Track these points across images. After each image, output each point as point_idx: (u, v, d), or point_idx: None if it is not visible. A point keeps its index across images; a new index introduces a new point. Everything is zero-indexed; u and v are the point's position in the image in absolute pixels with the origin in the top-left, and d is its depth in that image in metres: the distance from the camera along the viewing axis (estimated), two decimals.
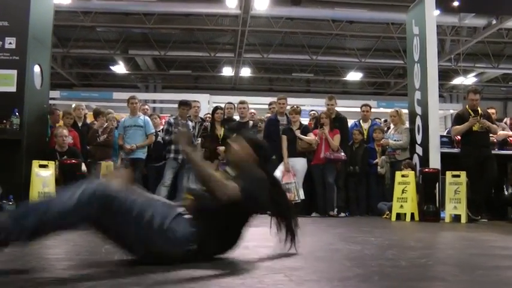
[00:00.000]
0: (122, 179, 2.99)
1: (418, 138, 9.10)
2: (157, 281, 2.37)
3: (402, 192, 8.18)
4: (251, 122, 9.54)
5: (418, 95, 9.28)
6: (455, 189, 7.95)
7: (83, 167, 7.83)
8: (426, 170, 8.41)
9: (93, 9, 17.10)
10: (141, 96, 16.14)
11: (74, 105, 10.61)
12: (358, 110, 10.79)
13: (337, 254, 3.49)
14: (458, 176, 8.01)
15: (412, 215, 8.06)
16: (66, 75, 23.48)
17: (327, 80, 25.92)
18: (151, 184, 9.55)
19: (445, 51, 19.24)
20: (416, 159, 9.03)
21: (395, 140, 9.23)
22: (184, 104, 9.34)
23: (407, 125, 9.57)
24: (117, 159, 9.58)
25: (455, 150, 8.92)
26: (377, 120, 11.19)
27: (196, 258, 2.86)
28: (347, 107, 17.23)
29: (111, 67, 23.32)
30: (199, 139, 9.37)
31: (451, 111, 21.75)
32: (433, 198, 8.20)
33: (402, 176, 8.34)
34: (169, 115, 10.60)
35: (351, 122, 10.44)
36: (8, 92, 7.42)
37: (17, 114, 7.20)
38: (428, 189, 8.21)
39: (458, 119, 8.58)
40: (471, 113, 8.37)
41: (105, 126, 9.12)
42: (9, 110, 7.21)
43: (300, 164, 9.09)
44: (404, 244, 4.26)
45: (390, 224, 7.52)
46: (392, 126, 9.70)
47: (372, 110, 10.88)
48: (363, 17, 17.02)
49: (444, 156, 8.71)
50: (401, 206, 8.19)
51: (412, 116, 9.51)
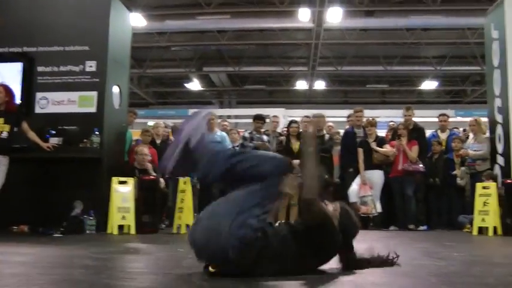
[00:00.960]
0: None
1: (500, 148, 8.77)
2: None
3: (484, 204, 7.89)
4: (327, 135, 9.49)
5: (498, 102, 8.96)
6: None
7: (162, 183, 8.00)
8: (509, 181, 8.08)
9: (168, 30, 17.61)
10: (216, 112, 16.38)
11: (152, 123, 10.87)
12: (435, 119, 10.55)
13: (422, 270, 3.40)
14: None
15: (494, 228, 7.74)
16: (142, 95, 24.17)
17: (402, 90, 25.53)
18: None
19: None
20: (497, 170, 8.70)
21: (475, 150, 8.96)
22: (258, 118, 9.40)
23: (487, 134, 9.26)
24: (194, 175, 9.74)
25: None
26: (455, 129, 10.89)
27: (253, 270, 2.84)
28: (423, 117, 16.87)
29: (186, 85, 23.84)
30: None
31: None
32: None
33: (483, 188, 8.04)
34: (244, 130, 10.69)
35: (428, 133, 10.20)
36: (89, 113, 7.69)
37: (97, 133, 7.44)
38: None
39: None
40: None
41: None
42: (90, 130, 7.46)
43: (377, 177, 8.97)
44: (490, 260, 4.11)
45: (472, 238, 7.27)
46: (471, 135, 9.42)
47: (450, 119, 10.60)
48: (438, 23, 16.71)
49: None
50: (483, 220, 7.89)
51: (492, 125, 9.19)
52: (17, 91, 7.37)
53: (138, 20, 14.71)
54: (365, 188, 8.78)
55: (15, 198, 7.06)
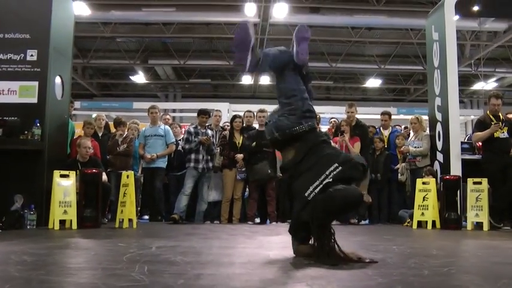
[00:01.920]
0: None
1: (439, 145, 9.03)
2: None
3: (423, 199, 8.12)
4: None
5: (438, 101, 9.22)
6: (476, 197, 7.86)
7: (104, 177, 7.87)
8: (447, 177, 8.33)
9: (113, 20, 17.31)
10: (161, 105, 16.20)
11: (94, 115, 10.70)
12: (378, 117, 10.74)
13: (359, 263, 3.47)
14: (480, 183, 7.92)
15: (433, 222, 7.98)
16: (86, 86, 23.74)
17: (347, 87, 25.89)
18: (172, 193, 9.60)
19: (465, 56, 19.12)
20: (437, 166, 8.96)
21: (415, 147, 9.18)
22: (203, 113, 9.34)
23: (427, 131, 9.51)
24: (137, 169, 9.64)
25: (476, 157, 8.84)
26: (397, 127, 11.11)
27: None
28: (367, 114, 17.18)
29: (131, 77, 23.54)
30: (218, 148, 9.38)
31: (472, 117, 21.58)
32: (454, 205, 8.11)
33: (423, 183, 8.27)
34: (189, 124, 10.63)
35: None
36: (30, 103, 7.48)
37: (38, 125, 7.26)
38: (450, 196, 8.13)
39: (480, 125, 8.48)
40: (492, 118, 8.28)
41: (125, 135, 9.17)
42: (31, 121, 7.27)
43: None
44: (427, 252, 4.22)
45: (411, 232, 7.45)
46: (412, 133, 9.64)
47: (392, 116, 10.81)
48: (382, 23, 16.99)
49: (465, 163, 8.64)
50: (423, 214, 8.12)
51: (432, 123, 9.45)
52: None
53: (81, 9, 14.38)
54: None
55: None
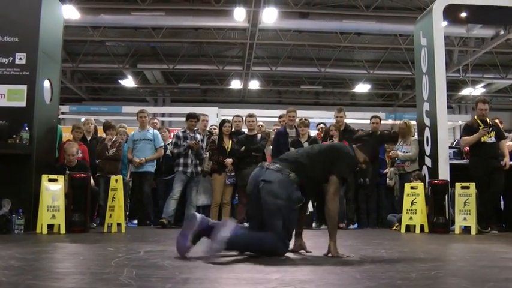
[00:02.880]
0: None
1: (427, 150, 9.07)
2: None
3: (411, 204, 8.15)
4: (259, 135, 9.53)
5: (426, 107, 9.27)
6: (464, 201, 7.90)
7: (91, 181, 7.83)
8: (435, 181, 8.37)
9: (102, 24, 17.25)
10: (150, 109, 16.19)
11: (83, 120, 10.66)
12: (367, 121, 10.76)
13: (347, 267, 3.48)
14: (468, 188, 7.96)
15: (421, 226, 8.01)
16: (75, 90, 23.66)
17: (336, 92, 25.96)
18: (160, 197, 9.59)
19: (453, 62, 19.24)
20: (425, 171, 9.00)
21: (404, 152, 9.21)
22: (192, 117, 9.33)
23: (416, 136, 9.55)
24: (126, 173, 9.61)
25: (464, 162, 8.89)
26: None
27: None
28: (356, 119, 17.26)
29: (120, 81, 23.50)
30: (207, 152, 9.37)
31: (460, 122, 21.71)
32: (442, 209, 8.15)
33: (411, 188, 8.30)
34: (178, 129, 10.63)
35: None
36: (18, 107, 7.41)
37: (26, 129, 7.21)
38: (438, 200, 8.18)
39: (467, 129, 8.55)
40: (480, 123, 8.34)
41: (114, 140, 9.14)
42: (19, 125, 7.22)
43: None
44: (415, 256, 4.24)
45: (400, 236, 7.48)
46: (400, 138, 9.67)
47: (381, 121, 10.84)
48: (371, 28, 17.07)
49: (453, 167, 8.69)
50: (411, 218, 8.14)
51: (420, 128, 9.49)
52: None
53: (71, 13, 14.35)
54: None
55: None
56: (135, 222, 9.58)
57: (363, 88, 24.15)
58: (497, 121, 9.07)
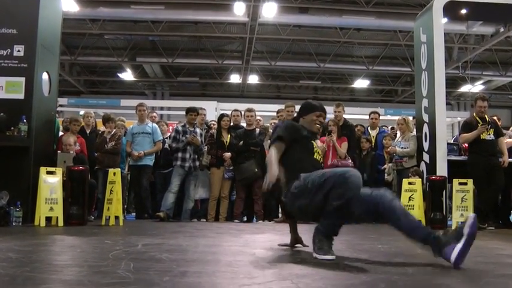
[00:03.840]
0: None
1: (425, 146, 9.09)
2: (164, 287, 2.38)
3: (409, 199, 8.16)
4: (258, 130, 9.53)
5: (425, 103, 9.28)
6: (462, 197, 7.92)
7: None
8: (433, 177, 8.39)
9: (101, 17, 17.25)
10: (149, 103, 16.19)
11: (82, 112, 10.65)
12: (366, 117, 10.77)
13: (344, 262, 3.49)
14: (465, 184, 7.98)
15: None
16: (74, 83, 23.64)
17: (335, 88, 25.96)
18: (158, 190, 9.59)
19: (452, 59, 19.25)
20: (423, 167, 9.02)
21: (402, 148, 9.22)
22: (191, 110, 9.33)
23: (414, 132, 9.56)
24: (124, 166, 9.61)
25: (462, 158, 8.90)
26: (384, 127, 11.16)
27: None
28: (354, 115, 17.26)
29: (119, 74, 23.47)
30: (206, 146, 9.37)
31: (459, 119, 21.74)
32: (440, 205, 8.17)
33: (409, 184, 8.31)
34: (177, 122, 10.62)
35: None
36: (16, 99, 7.41)
37: (24, 121, 7.21)
38: (435, 196, 8.19)
39: (466, 126, 8.54)
40: (479, 120, 8.34)
41: (112, 133, 9.13)
42: (17, 117, 7.21)
43: None
44: (411, 252, 4.24)
45: (397, 232, 7.46)
46: (399, 133, 9.69)
47: (380, 117, 10.85)
48: (371, 24, 17.08)
49: (451, 164, 8.70)
50: None
51: (419, 124, 9.50)
52: None
53: (70, 5, 14.34)
54: None
55: None
56: (133, 215, 9.59)
57: (362, 84, 24.19)
58: (495, 118, 9.09)
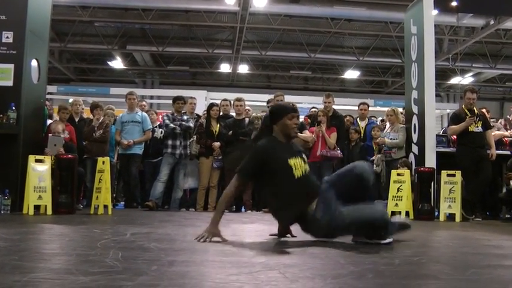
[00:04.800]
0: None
1: (414, 137, 9.11)
2: (152, 276, 2.38)
3: (397, 190, 8.18)
4: (247, 119, 9.53)
5: (414, 94, 9.29)
6: (450, 189, 7.97)
7: None
8: (422, 168, 8.42)
9: (92, 4, 17.13)
10: (139, 92, 16.14)
11: (71, 100, 10.59)
12: (355, 108, 10.78)
13: (332, 252, 3.50)
14: (454, 176, 8.02)
15: (407, 213, 8.05)
16: (63, 70, 23.48)
17: (325, 78, 25.95)
18: (147, 179, 9.58)
19: (442, 51, 19.29)
20: (412, 158, 9.04)
21: (391, 139, 9.23)
22: (178, 99, 9.38)
23: (403, 123, 9.58)
24: (113, 155, 9.58)
25: (451, 150, 8.94)
26: (373, 118, 11.17)
27: None
28: (344, 105, 17.28)
29: (109, 62, 23.36)
30: (194, 136, 9.37)
31: (448, 111, 21.83)
32: (428, 197, 8.22)
33: (398, 175, 8.33)
34: (166, 111, 10.61)
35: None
36: (5, 86, 7.38)
37: (13, 108, 7.18)
38: (424, 188, 8.23)
39: (455, 118, 8.58)
40: (467, 112, 8.38)
41: (101, 121, 9.08)
42: (6, 104, 7.18)
43: None
44: (399, 242, 4.26)
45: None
46: (388, 124, 9.71)
47: (370, 108, 10.88)
48: (362, 15, 17.07)
49: (440, 155, 8.74)
50: (396, 205, 8.18)
51: (408, 115, 9.52)
52: None
53: None
54: None
55: None
56: (122, 204, 9.58)
57: (352, 74, 24.21)
58: (484, 111, 9.13)
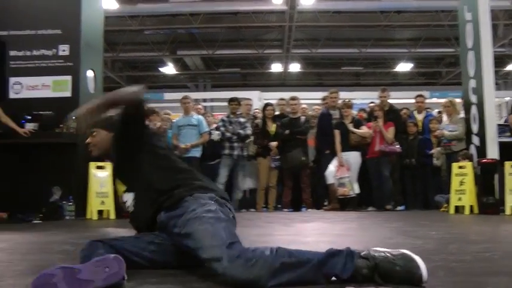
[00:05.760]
0: None
1: (474, 128, 8.87)
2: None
3: (460, 184, 8.00)
4: (303, 118, 9.50)
5: (472, 84, 9.05)
6: None
7: None
8: (484, 160, 8.19)
9: (140, 13, 17.44)
10: (192, 95, 16.23)
11: None
12: (410, 101, 10.60)
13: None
14: None
15: (471, 207, 7.86)
16: (116, 79, 23.92)
17: (377, 72, 25.68)
18: None
19: (498, 36, 18.74)
20: (473, 150, 8.81)
21: (450, 131, 9.03)
22: (232, 100, 9.47)
23: (462, 114, 9.36)
24: None
25: None
26: (429, 110, 10.93)
27: None
28: (398, 99, 17.00)
29: (160, 68, 23.70)
30: (251, 136, 9.41)
31: (507, 99, 21.24)
32: (492, 189, 7.97)
33: (459, 168, 8.15)
34: (220, 114, 10.70)
35: None
36: (64, 97, 7.65)
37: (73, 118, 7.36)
38: (487, 180, 7.99)
39: None
40: None
41: (157, 126, 9.21)
42: (65, 115, 7.36)
43: (354, 158, 9.03)
44: (466, 238, 4.17)
45: (449, 217, 7.37)
46: (445, 116, 9.50)
47: (425, 100, 10.69)
48: (411, 6, 16.82)
49: (502, 145, 8.48)
50: (460, 199, 8.01)
51: (467, 106, 9.28)
52: None
53: (109, 3, 14.53)
54: (342, 170, 8.84)
55: None
56: None
57: (404, 67, 23.84)
58: None
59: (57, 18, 7.90)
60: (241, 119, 9.33)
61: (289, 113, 9.66)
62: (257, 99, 17.95)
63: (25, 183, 7.12)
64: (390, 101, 9.97)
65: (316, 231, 5.04)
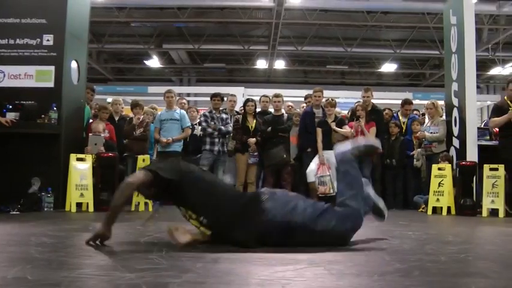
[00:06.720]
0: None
1: (455, 131, 8.96)
2: (198, 274, 2.39)
3: (439, 185, 8.08)
4: (286, 115, 9.52)
5: (455, 86, 9.14)
6: (493, 183, 7.78)
7: None
8: (463, 163, 8.27)
9: (128, 5, 17.36)
10: (176, 89, 16.21)
11: (111, 100, 10.75)
12: (393, 102, 10.66)
13: (376, 248, 3.48)
14: (496, 170, 7.84)
15: (448, 208, 7.94)
16: (101, 70, 23.84)
17: (362, 72, 25.78)
18: None
19: (482, 41, 18.92)
20: (453, 152, 8.90)
21: (431, 133, 9.10)
22: (215, 96, 9.47)
23: (444, 117, 9.44)
24: (152, 153, 9.66)
25: (493, 143, 8.77)
26: (415, 112, 10.98)
27: None
28: (382, 99, 17.11)
29: (146, 61, 23.60)
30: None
31: (488, 103, 21.44)
32: (470, 191, 8.05)
33: (439, 169, 8.23)
34: (204, 109, 10.68)
35: None
36: (47, 88, 7.58)
37: (55, 109, 7.34)
38: (466, 182, 8.08)
39: (497, 110, 8.36)
40: (510, 104, 8.17)
41: (141, 120, 9.17)
42: (47, 105, 7.36)
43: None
44: (443, 238, 4.21)
45: (427, 218, 7.44)
46: (428, 118, 9.58)
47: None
48: (398, 7, 16.89)
49: (482, 148, 8.57)
50: (438, 200, 8.09)
51: (448, 108, 9.37)
52: None
53: None
54: (323, 168, 8.86)
55: None
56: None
57: (389, 68, 23.96)
58: None
59: (43, 8, 7.80)
60: (224, 115, 9.34)
61: (269, 109, 9.71)
62: (241, 95, 17.95)
63: (4, 173, 7.04)
64: (374, 101, 10.01)
65: None
